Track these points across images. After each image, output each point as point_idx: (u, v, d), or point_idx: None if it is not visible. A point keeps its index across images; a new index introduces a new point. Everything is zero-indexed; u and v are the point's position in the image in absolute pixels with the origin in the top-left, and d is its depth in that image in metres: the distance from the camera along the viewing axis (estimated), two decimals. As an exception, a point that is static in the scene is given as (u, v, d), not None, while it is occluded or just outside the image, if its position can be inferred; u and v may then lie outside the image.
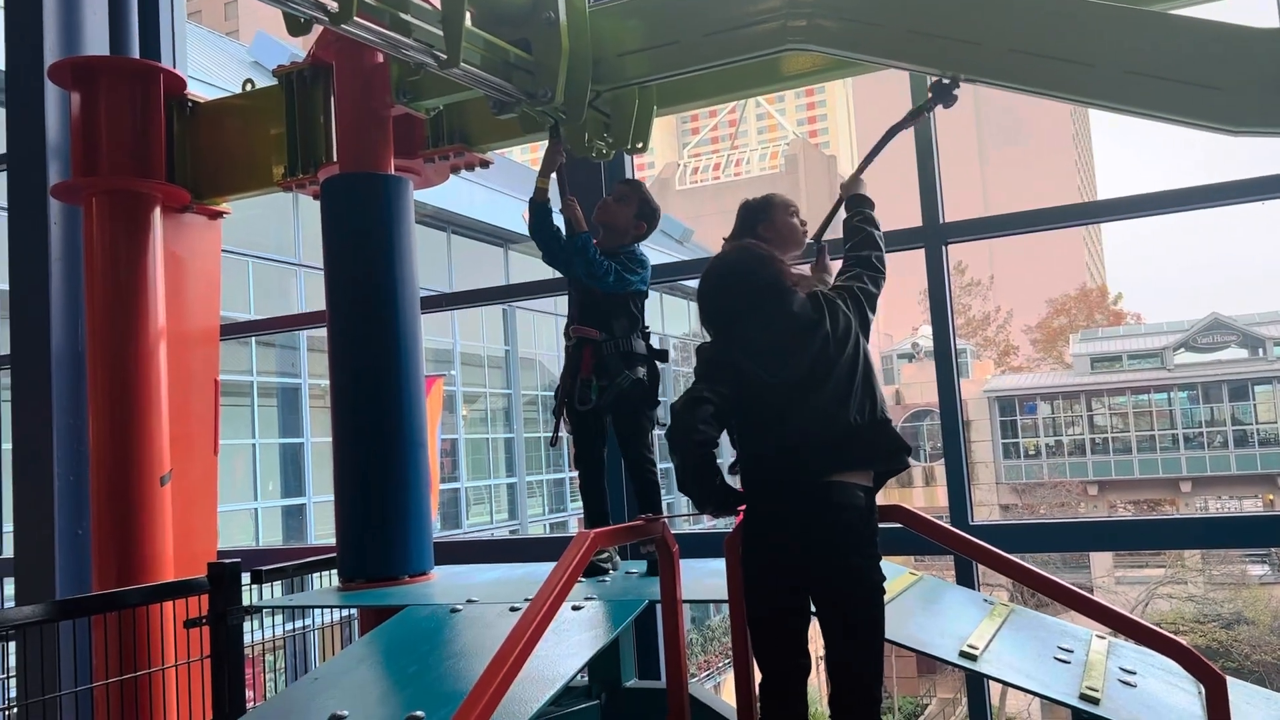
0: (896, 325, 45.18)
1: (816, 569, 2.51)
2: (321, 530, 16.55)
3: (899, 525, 2.92)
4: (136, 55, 5.76)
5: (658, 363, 3.79)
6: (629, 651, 3.70)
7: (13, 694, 4.92)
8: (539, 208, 3.79)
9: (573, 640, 2.88)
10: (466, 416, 21.49)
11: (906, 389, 36.25)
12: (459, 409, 20.66)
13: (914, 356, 37.56)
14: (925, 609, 3.28)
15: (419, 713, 2.42)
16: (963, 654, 2.80)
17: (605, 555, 3.75)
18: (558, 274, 4.05)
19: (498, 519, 21.78)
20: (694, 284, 3.03)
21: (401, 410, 4.03)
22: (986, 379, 35.86)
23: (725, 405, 2.58)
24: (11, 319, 5.71)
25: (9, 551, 5.87)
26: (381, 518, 3.93)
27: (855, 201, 3.16)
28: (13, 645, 4.44)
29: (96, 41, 5.77)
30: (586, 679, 3.60)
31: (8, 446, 5.88)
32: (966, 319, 44.24)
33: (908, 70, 3.58)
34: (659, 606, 3.00)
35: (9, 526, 5.87)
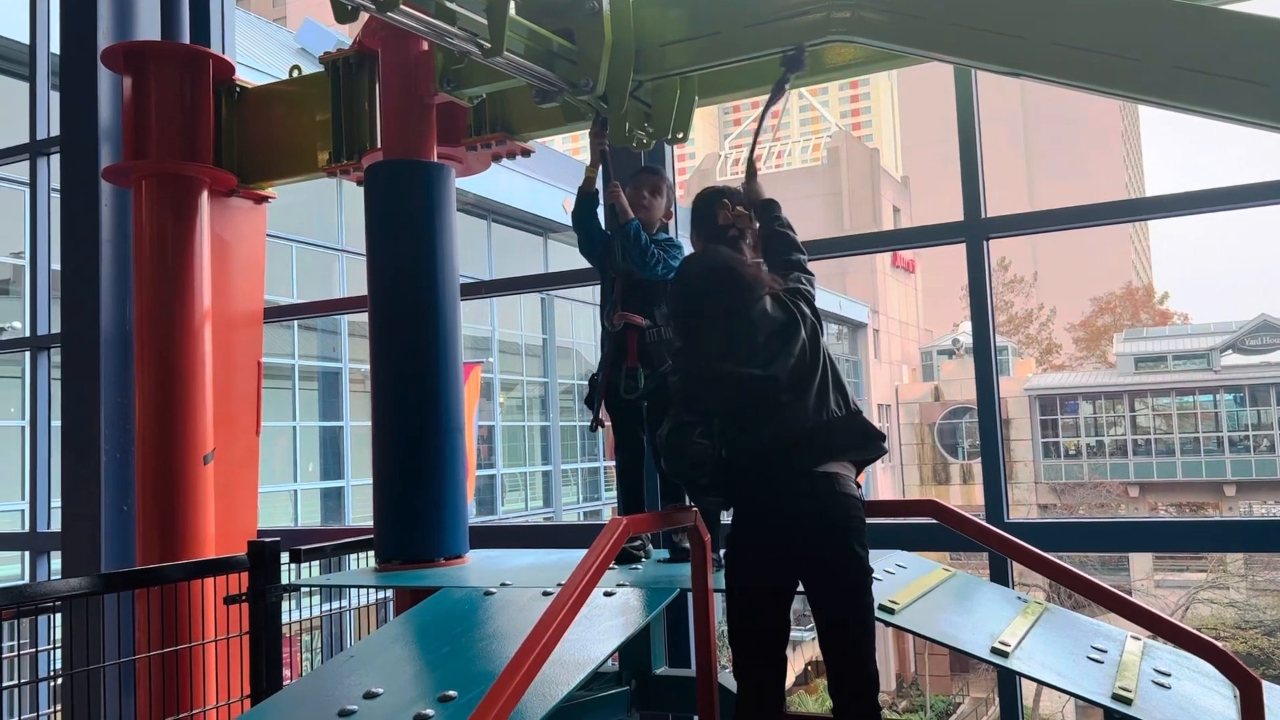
0: (937, 321, 44.78)
1: (818, 556, 2.55)
2: (359, 513, 16.76)
3: (933, 521, 2.91)
4: (187, 41, 5.85)
5: None
6: (660, 639, 3.73)
7: (58, 664, 5.05)
8: (585, 197, 3.85)
9: (604, 626, 2.90)
10: (503, 404, 21.62)
11: (946, 385, 35.92)
12: (496, 396, 20.79)
13: (954, 353, 37.19)
14: (958, 605, 3.27)
15: (451, 692, 2.46)
16: (994, 650, 2.79)
17: (638, 543, 3.77)
18: (598, 263, 4.07)
19: (532, 506, 21.91)
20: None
21: (440, 395, 4.07)
22: (1027, 377, 35.44)
23: (709, 421, 2.62)
24: (63, 299, 5.84)
25: (56, 526, 6.02)
26: (419, 500, 3.98)
27: (765, 208, 3.21)
28: (59, 617, 4.55)
29: (148, 26, 5.87)
30: (617, 665, 3.63)
31: (57, 424, 6.02)
32: (1008, 316, 43.74)
33: (952, 63, 3.56)
34: (691, 595, 3.02)
35: (56, 502, 6.01)
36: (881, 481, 32.72)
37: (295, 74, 5.03)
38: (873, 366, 34.88)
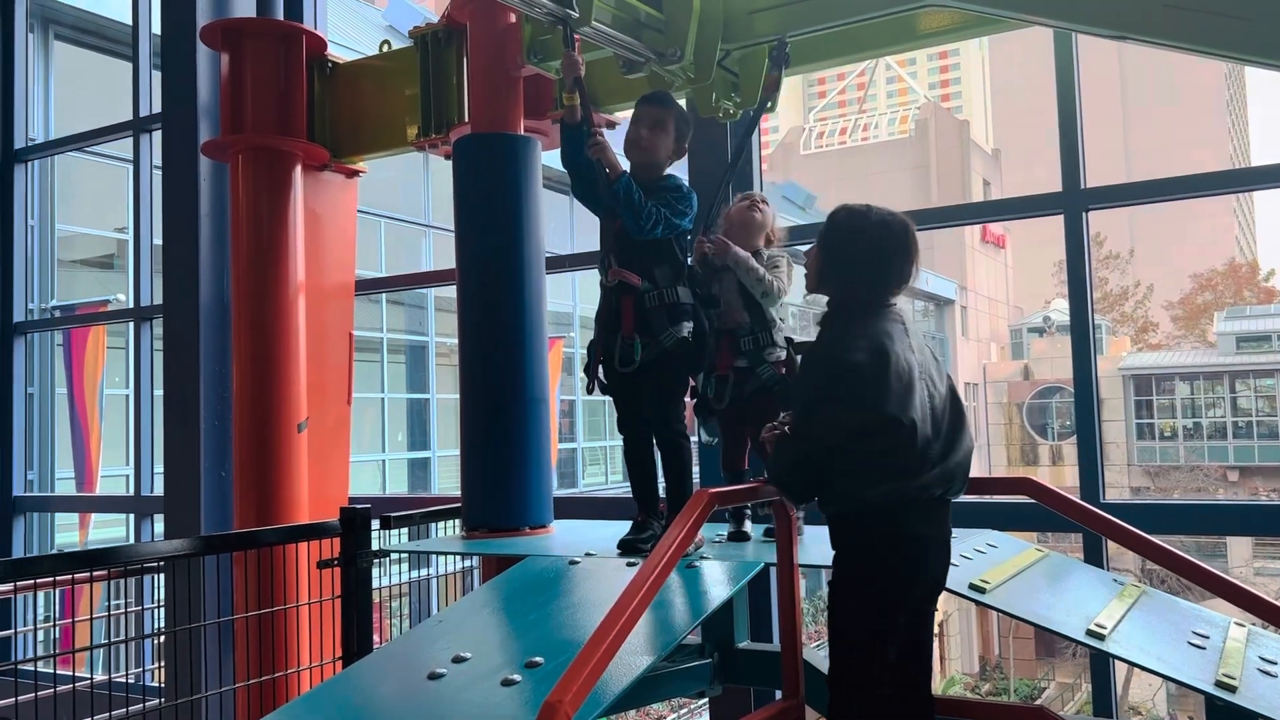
0: (1027, 298, 43.66)
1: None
2: (445, 483, 17.06)
3: (1024, 500, 2.84)
4: (281, 17, 5.96)
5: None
6: (743, 613, 3.72)
7: (161, 622, 5.26)
8: (570, 131, 3.38)
9: (687, 598, 2.91)
10: (584, 378, 21.72)
11: (1036, 364, 35.03)
12: (577, 371, 20.92)
13: (1045, 330, 36.22)
14: (1051, 586, 3.19)
15: (538, 659, 2.48)
16: (1090, 633, 2.71)
17: (649, 534, 3.39)
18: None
19: (612, 480, 22.04)
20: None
21: (526, 367, 4.10)
22: (1122, 356, 34.34)
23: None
24: (164, 272, 6.03)
25: (159, 490, 6.25)
26: (505, 471, 4.03)
27: None
28: (161, 577, 4.74)
29: (244, 4, 6.00)
30: (700, 637, 3.63)
31: (159, 393, 6.24)
32: (1103, 293, 42.39)
33: (1051, 27, 3.43)
34: (775, 569, 3.00)
35: (159, 467, 6.24)
36: (967, 461, 32.04)
37: (385, 49, 5.08)
38: (960, 344, 34.16)
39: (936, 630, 2.63)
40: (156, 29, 6.42)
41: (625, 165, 3.41)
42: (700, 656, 3.58)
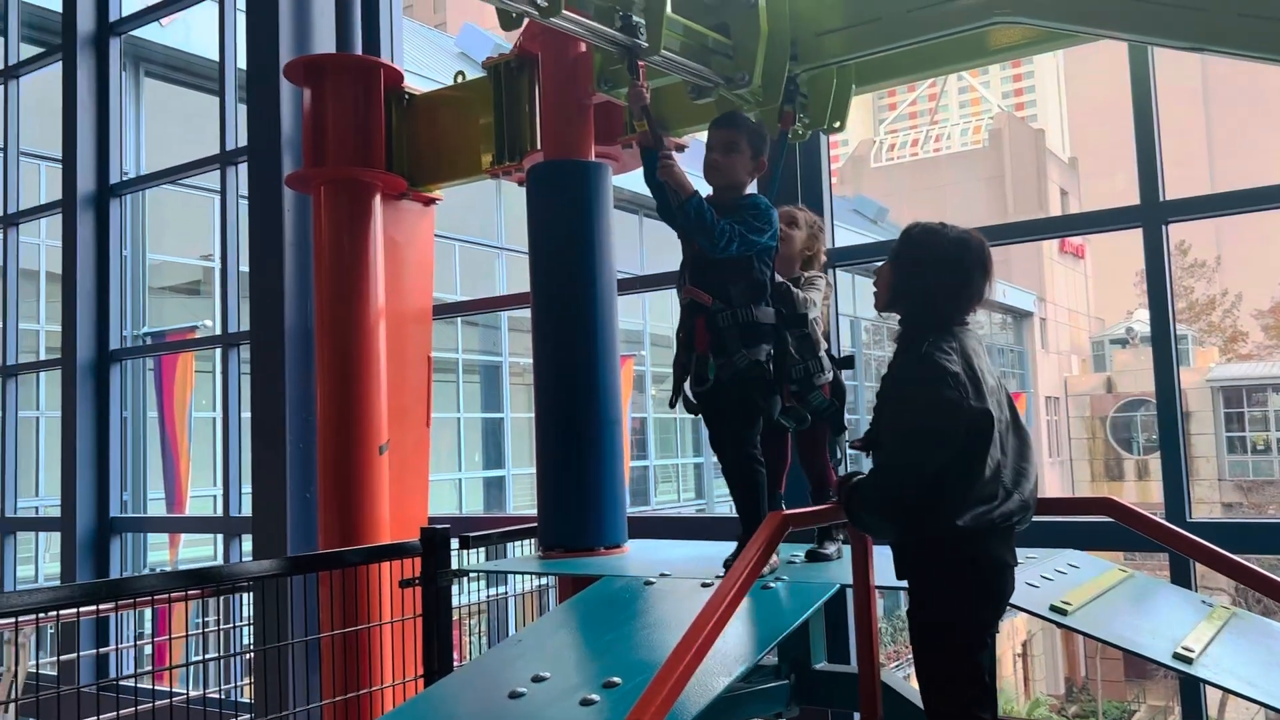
0: (1109, 309, 42.55)
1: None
2: (519, 501, 17.23)
3: (1109, 519, 2.80)
4: (360, 51, 6.15)
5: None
6: (819, 634, 3.71)
7: (248, 640, 5.42)
8: (649, 154, 3.42)
9: (763, 619, 2.91)
10: (655, 396, 21.79)
11: (1119, 376, 34.10)
12: (648, 389, 20.98)
13: (1128, 342, 35.26)
14: (1136, 608, 3.12)
15: (615, 679, 2.51)
16: (1177, 656, 2.65)
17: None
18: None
19: (684, 498, 22.01)
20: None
21: (600, 389, 4.16)
22: (1210, 367, 33.24)
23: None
24: (251, 299, 6.24)
25: (247, 510, 6.44)
26: (580, 492, 4.09)
27: None
28: (249, 596, 4.88)
29: (324, 39, 6.20)
30: (776, 658, 3.63)
31: (246, 415, 6.44)
32: (1189, 302, 41.09)
33: (1124, 40, 3.39)
34: (851, 590, 2.99)
35: (247, 488, 6.44)
36: (1050, 478, 31.31)
37: (460, 79, 5.21)
38: (1040, 357, 33.44)
39: (1019, 650, 2.57)
40: (242, 65, 6.66)
41: (706, 188, 3.43)
42: (777, 678, 3.58)
